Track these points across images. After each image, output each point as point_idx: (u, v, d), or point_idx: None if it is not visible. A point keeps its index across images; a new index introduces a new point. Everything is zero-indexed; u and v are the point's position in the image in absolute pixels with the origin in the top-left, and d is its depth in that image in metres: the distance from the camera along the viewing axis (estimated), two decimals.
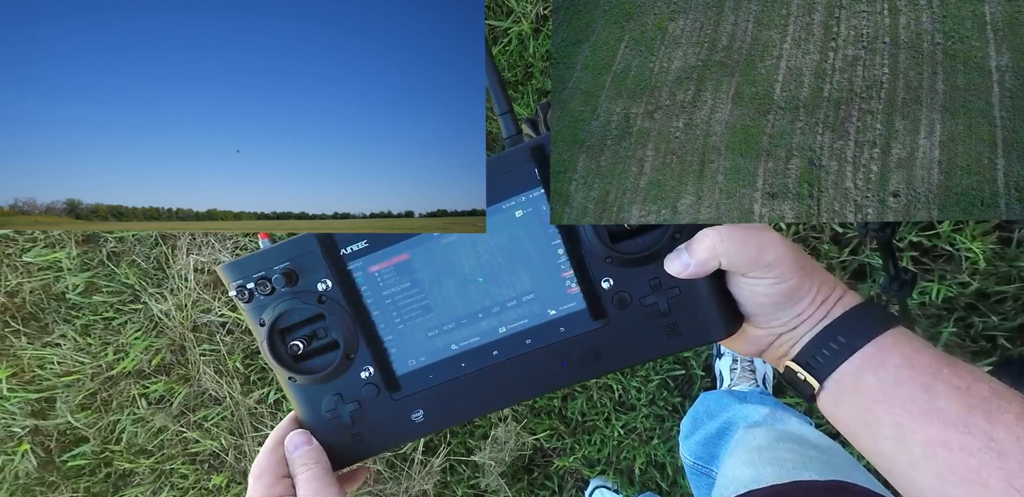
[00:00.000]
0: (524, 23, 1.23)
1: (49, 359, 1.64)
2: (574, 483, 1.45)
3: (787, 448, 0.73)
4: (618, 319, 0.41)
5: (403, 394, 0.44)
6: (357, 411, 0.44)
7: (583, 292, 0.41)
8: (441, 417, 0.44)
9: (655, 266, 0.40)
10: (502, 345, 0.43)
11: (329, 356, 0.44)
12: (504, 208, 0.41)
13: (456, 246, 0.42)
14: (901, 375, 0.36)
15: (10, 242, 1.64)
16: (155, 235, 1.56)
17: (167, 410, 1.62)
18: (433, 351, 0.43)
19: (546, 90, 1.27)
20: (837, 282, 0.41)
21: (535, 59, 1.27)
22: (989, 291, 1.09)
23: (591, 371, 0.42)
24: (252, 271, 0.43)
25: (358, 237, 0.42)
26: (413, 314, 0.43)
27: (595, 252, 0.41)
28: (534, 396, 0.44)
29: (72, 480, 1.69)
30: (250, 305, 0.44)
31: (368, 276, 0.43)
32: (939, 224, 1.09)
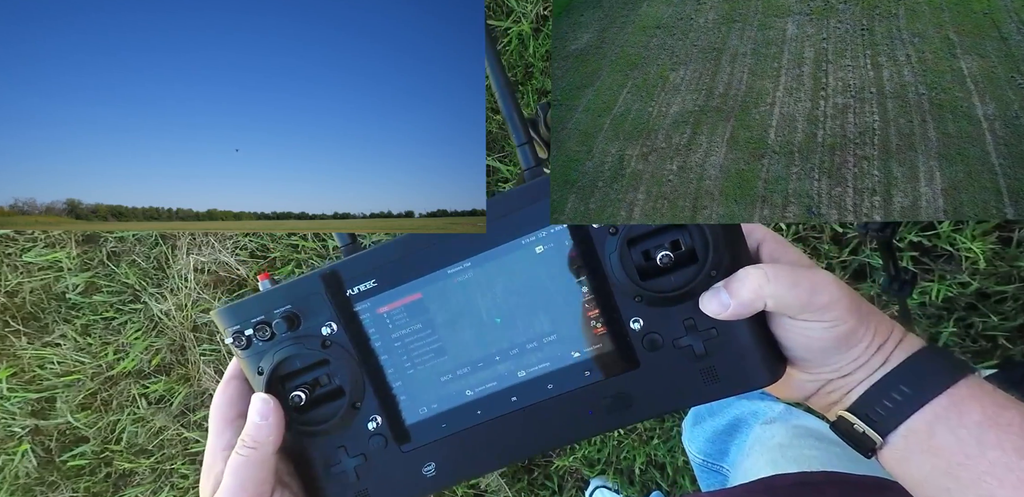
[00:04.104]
0: (524, 23, 1.23)
1: (49, 359, 1.64)
2: (574, 483, 1.45)
3: (810, 444, 0.69)
4: (649, 362, 0.38)
5: (413, 446, 0.40)
6: (363, 466, 0.40)
7: (610, 333, 0.38)
8: (454, 471, 0.40)
9: (690, 305, 0.37)
10: (521, 390, 0.39)
11: (333, 405, 0.40)
12: (524, 244, 0.38)
13: (472, 284, 0.39)
14: (986, 437, 0.32)
15: (10, 242, 1.64)
16: (155, 235, 1.56)
17: (167, 410, 1.62)
18: (446, 397, 0.40)
19: (546, 90, 1.27)
20: (895, 325, 0.37)
21: (535, 59, 1.27)
22: (989, 291, 1.09)
23: (620, 419, 0.38)
24: (251, 315, 0.40)
25: (365, 276, 0.40)
26: (425, 358, 0.40)
27: (623, 290, 0.37)
28: (556, 446, 0.40)
29: (72, 480, 1.69)
30: (247, 352, 0.41)
31: (376, 318, 0.40)
32: (939, 224, 1.09)
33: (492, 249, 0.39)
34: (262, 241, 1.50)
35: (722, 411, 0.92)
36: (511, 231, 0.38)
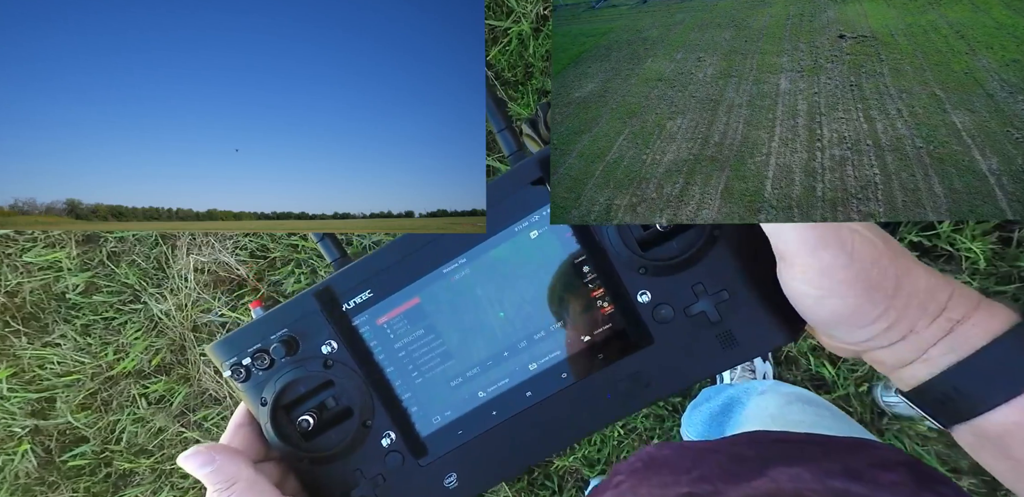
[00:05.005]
0: (524, 23, 1.23)
1: (49, 359, 1.64)
2: (574, 483, 1.45)
3: (799, 409, 0.69)
4: (664, 336, 0.36)
5: (431, 458, 0.38)
6: (382, 487, 0.38)
7: (618, 310, 0.37)
8: (477, 479, 0.38)
9: (696, 270, 0.35)
10: (535, 384, 0.37)
11: (343, 427, 0.39)
12: (517, 231, 0.37)
13: (470, 281, 0.38)
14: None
15: (10, 242, 1.64)
16: (155, 235, 1.56)
17: (167, 410, 1.62)
18: (459, 403, 0.38)
19: (546, 90, 1.27)
20: (951, 300, 0.31)
21: (535, 59, 1.27)
22: (989, 291, 1.09)
23: (641, 399, 0.37)
24: (246, 345, 0.39)
25: (360, 289, 0.38)
26: (431, 364, 0.38)
27: (626, 263, 0.36)
28: (579, 438, 0.38)
29: (72, 480, 1.69)
30: (247, 384, 0.39)
31: (376, 329, 0.38)
32: (939, 224, 1.09)
33: (486, 241, 0.37)
34: (262, 241, 1.50)
35: (718, 394, 0.94)
36: (503, 219, 0.37)
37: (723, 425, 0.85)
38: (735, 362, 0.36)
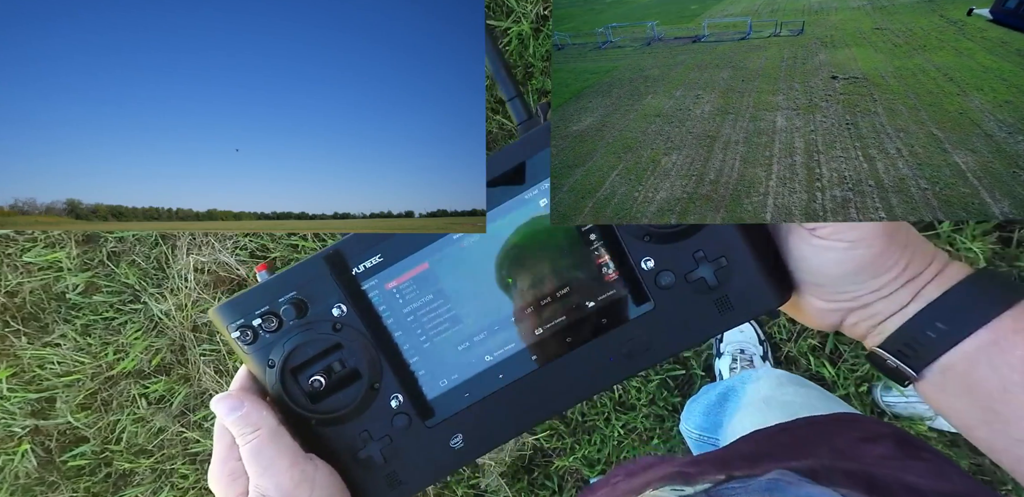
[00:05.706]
0: (524, 23, 1.23)
1: (49, 359, 1.64)
2: (574, 483, 1.45)
3: (791, 391, 0.71)
4: (664, 301, 0.38)
5: (438, 420, 0.40)
6: (389, 447, 0.39)
7: (622, 278, 0.38)
8: (483, 439, 0.40)
9: (698, 237, 0.37)
10: (540, 348, 0.39)
11: (351, 389, 0.39)
12: (527, 199, 0.38)
13: (479, 247, 0.38)
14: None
15: (10, 242, 1.64)
16: (155, 235, 1.56)
17: (167, 410, 1.62)
18: (466, 366, 0.39)
19: (546, 90, 1.27)
20: (937, 254, 0.35)
21: (535, 59, 1.27)
22: None
23: (640, 362, 0.38)
24: (255, 307, 0.39)
25: (370, 252, 0.39)
26: (440, 328, 0.39)
27: (631, 230, 0.37)
28: (581, 399, 0.40)
29: (72, 480, 1.69)
30: (254, 346, 0.39)
31: (386, 294, 0.39)
32: (939, 224, 1.09)
33: (496, 208, 0.38)
34: (262, 241, 1.50)
35: (715, 386, 0.97)
36: (512, 189, 0.38)
37: (720, 416, 0.87)
38: (729, 326, 0.38)
